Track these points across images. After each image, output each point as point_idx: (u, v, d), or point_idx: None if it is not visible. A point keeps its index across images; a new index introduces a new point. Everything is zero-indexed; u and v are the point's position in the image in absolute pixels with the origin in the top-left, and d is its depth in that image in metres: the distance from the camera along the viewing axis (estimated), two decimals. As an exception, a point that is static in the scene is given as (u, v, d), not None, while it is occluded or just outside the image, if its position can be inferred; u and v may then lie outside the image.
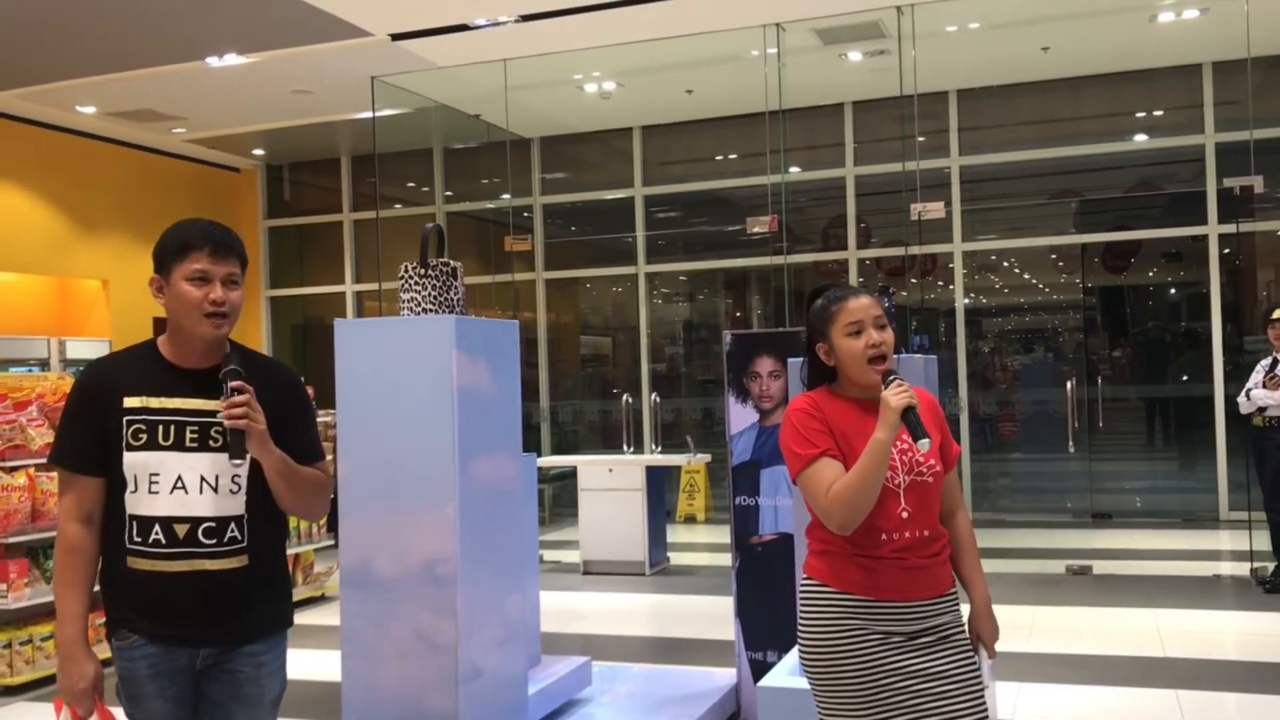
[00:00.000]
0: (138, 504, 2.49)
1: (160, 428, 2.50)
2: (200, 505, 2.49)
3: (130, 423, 2.49)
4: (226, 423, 2.46)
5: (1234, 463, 10.07)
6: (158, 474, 2.49)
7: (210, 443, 2.50)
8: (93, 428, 2.51)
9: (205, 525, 2.50)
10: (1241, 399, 7.47)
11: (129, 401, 2.50)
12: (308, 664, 6.37)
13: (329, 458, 2.87)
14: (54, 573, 2.55)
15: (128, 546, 2.50)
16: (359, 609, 3.67)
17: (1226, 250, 10.34)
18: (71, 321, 11.44)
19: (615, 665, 5.73)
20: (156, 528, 2.48)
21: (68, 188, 10.99)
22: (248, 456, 2.50)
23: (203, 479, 2.50)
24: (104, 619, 2.61)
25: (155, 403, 2.51)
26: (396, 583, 3.62)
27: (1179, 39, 9.50)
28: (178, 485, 2.49)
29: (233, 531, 2.53)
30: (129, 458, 2.49)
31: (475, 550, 3.64)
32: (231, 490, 2.53)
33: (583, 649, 5.68)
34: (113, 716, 2.51)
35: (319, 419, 9.28)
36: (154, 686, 2.53)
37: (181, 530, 2.48)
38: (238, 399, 2.46)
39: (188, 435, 2.51)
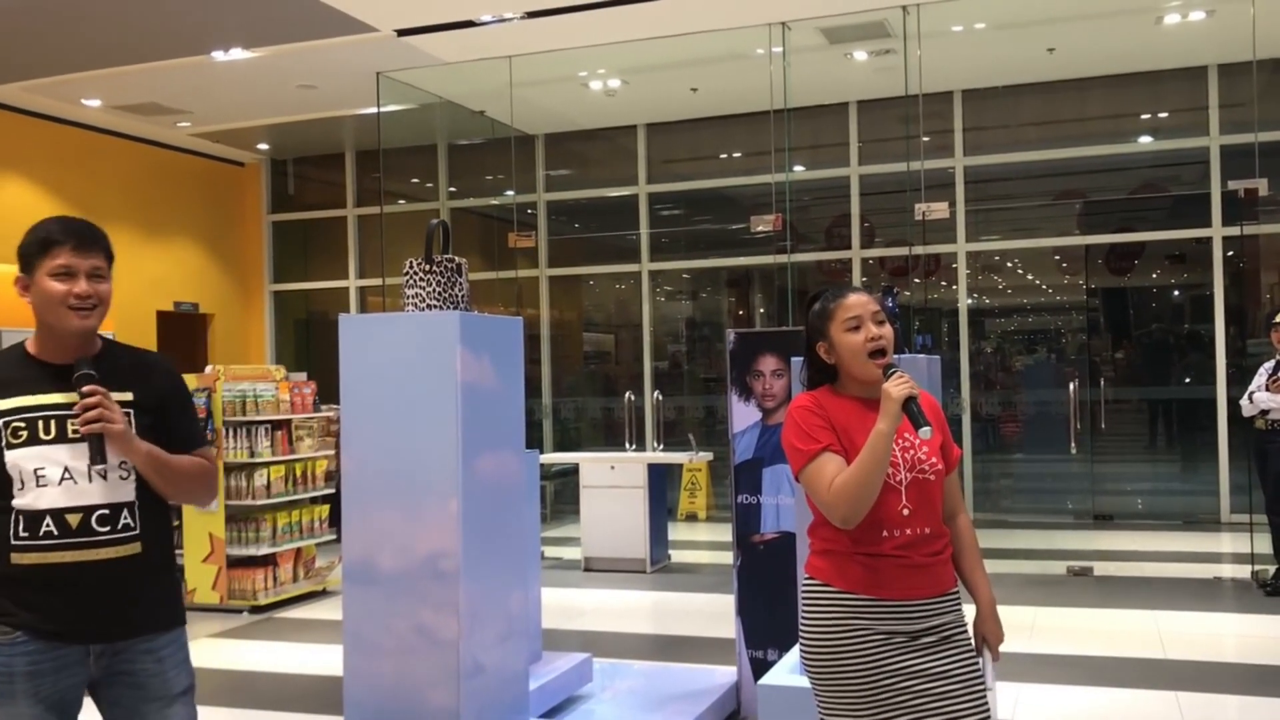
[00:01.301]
0: (26, 499, 2.46)
1: (40, 423, 2.48)
2: (92, 493, 2.48)
3: (9, 423, 2.48)
4: (82, 429, 2.44)
5: (1236, 465, 10.06)
6: (43, 468, 2.46)
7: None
8: None
9: (99, 513, 2.49)
10: (1244, 402, 7.47)
11: (3, 404, 2.49)
12: (309, 658, 6.38)
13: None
14: None
15: (12, 543, 2.45)
16: (361, 604, 3.69)
17: (1230, 253, 10.33)
18: (75, 314, 11.46)
19: (616, 662, 5.74)
20: (47, 519, 2.45)
21: (73, 181, 11.00)
22: (109, 458, 2.49)
23: (89, 469, 2.48)
24: None
25: (32, 400, 2.50)
26: (399, 578, 3.63)
27: (1184, 41, 9.49)
28: (66, 476, 2.47)
29: (125, 518, 2.52)
30: (11, 455, 2.46)
31: (477, 546, 3.65)
32: (121, 477, 2.52)
33: (584, 645, 5.68)
34: None
35: (322, 414, 9.24)
36: (29, 685, 2.44)
37: (74, 520, 2.46)
38: (89, 401, 2.44)
39: (69, 428, 2.49)
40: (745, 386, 5.18)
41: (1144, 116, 10.97)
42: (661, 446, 10.74)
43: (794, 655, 3.94)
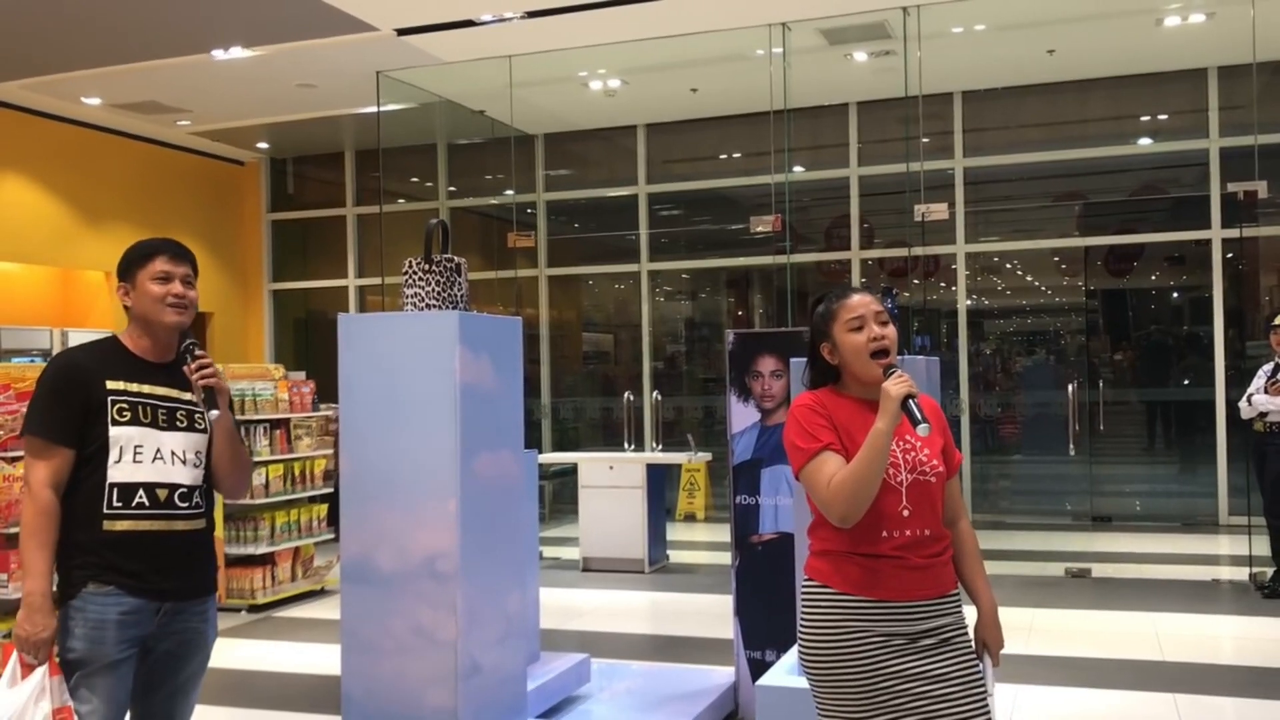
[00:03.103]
0: (121, 472, 2.84)
1: (140, 407, 2.90)
2: (176, 474, 2.91)
3: (114, 401, 2.87)
4: (199, 382, 2.90)
5: (1234, 467, 10.07)
6: (141, 445, 2.87)
7: (178, 424, 2.94)
8: (74, 403, 2.84)
9: (180, 490, 2.91)
10: (1243, 404, 7.48)
11: (110, 384, 2.88)
12: (307, 658, 6.38)
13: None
14: (24, 534, 2.82)
15: (105, 512, 2.83)
16: (359, 603, 3.69)
17: (1229, 255, 10.34)
18: (75, 313, 11.46)
19: (614, 662, 5.73)
20: (141, 492, 2.86)
21: (72, 179, 11.00)
22: (218, 412, 2.92)
23: (173, 453, 2.91)
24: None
25: (134, 387, 2.91)
26: (397, 577, 3.63)
27: (1184, 43, 9.50)
28: (158, 456, 2.89)
29: (198, 498, 2.97)
30: (115, 431, 2.85)
31: (476, 546, 3.65)
32: (195, 464, 2.96)
33: (582, 646, 5.68)
34: (60, 669, 2.78)
35: (321, 413, 9.29)
36: (117, 634, 2.82)
37: (162, 494, 2.88)
38: (204, 361, 2.93)
39: (160, 416, 2.92)
40: (744, 387, 5.18)
41: (1144, 118, 10.98)
42: (660, 447, 10.75)
43: (792, 656, 3.94)
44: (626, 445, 10.51)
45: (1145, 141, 11.07)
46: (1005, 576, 8.07)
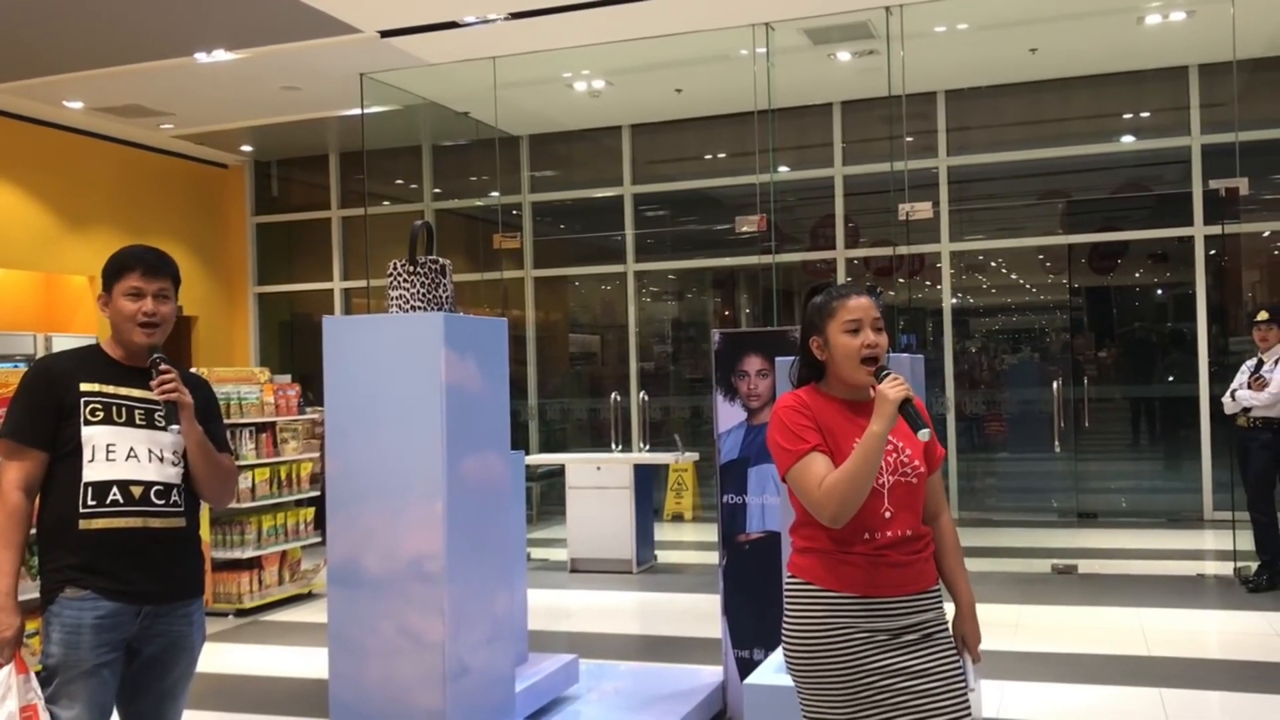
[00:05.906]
0: (95, 471, 2.87)
1: (114, 408, 2.92)
2: (150, 471, 2.92)
3: (88, 402, 2.90)
4: (160, 397, 2.91)
5: (1218, 463, 10.12)
6: (114, 444, 2.89)
7: (155, 423, 2.95)
8: (48, 407, 2.89)
9: (156, 488, 2.92)
10: (1226, 399, 7.52)
11: (85, 386, 2.92)
12: (295, 661, 6.37)
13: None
14: None
15: (80, 511, 2.86)
16: (346, 606, 3.68)
17: (1212, 251, 10.39)
18: (58, 317, 11.40)
19: (602, 663, 5.74)
20: (114, 489, 2.87)
21: (55, 183, 10.94)
22: (180, 426, 2.92)
23: (150, 451, 2.93)
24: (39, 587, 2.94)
25: (108, 389, 2.94)
26: (384, 580, 3.62)
27: (1166, 41, 9.55)
28: (131, 454, 2.91)
29: (175, 496, 2.97)
30: (88, 430, 2.88)
31: (463, 548, 3.65)
32: (173, 462, 2.98)
33: (570, 646, 5.69)
34: (26, 667, 2.80)
35: (307, 416, 9.26)
36: (93, 638, 2.83)
37: (137, 491, 2.90)
38: (167, 376, 2.92)
39: (136, 416, 2.94)
40: (730, 387, 5.18)
41: (1126, 116, 11.03)
42: (647, 447, 10.74)
43: (779, 655, 3.95)
44: (613, 446, 10.51)
45: (1128, 139, 11.13)
46: (991, 573, 8.10)
